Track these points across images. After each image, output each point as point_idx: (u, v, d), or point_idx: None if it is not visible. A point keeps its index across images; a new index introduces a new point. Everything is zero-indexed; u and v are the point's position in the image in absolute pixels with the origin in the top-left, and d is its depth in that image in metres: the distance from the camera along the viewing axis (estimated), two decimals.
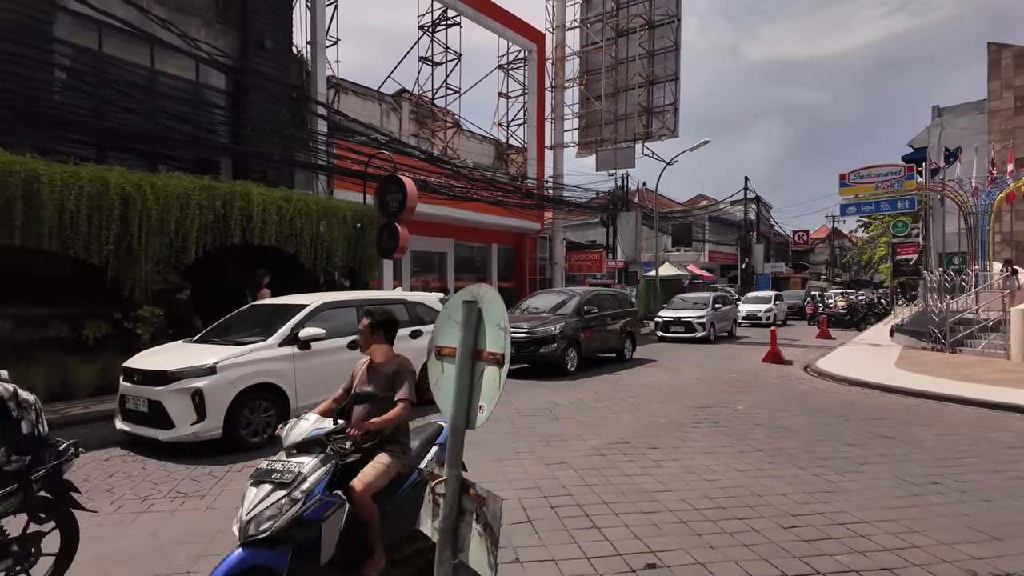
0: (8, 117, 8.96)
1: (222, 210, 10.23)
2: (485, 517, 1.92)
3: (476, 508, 1.95)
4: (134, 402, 6.22)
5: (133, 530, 4.20)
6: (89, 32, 10.64)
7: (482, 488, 2.01)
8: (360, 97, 17.94)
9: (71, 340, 8.60)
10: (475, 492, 1.99)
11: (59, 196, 8.23)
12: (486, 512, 1.92)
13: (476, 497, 1.98)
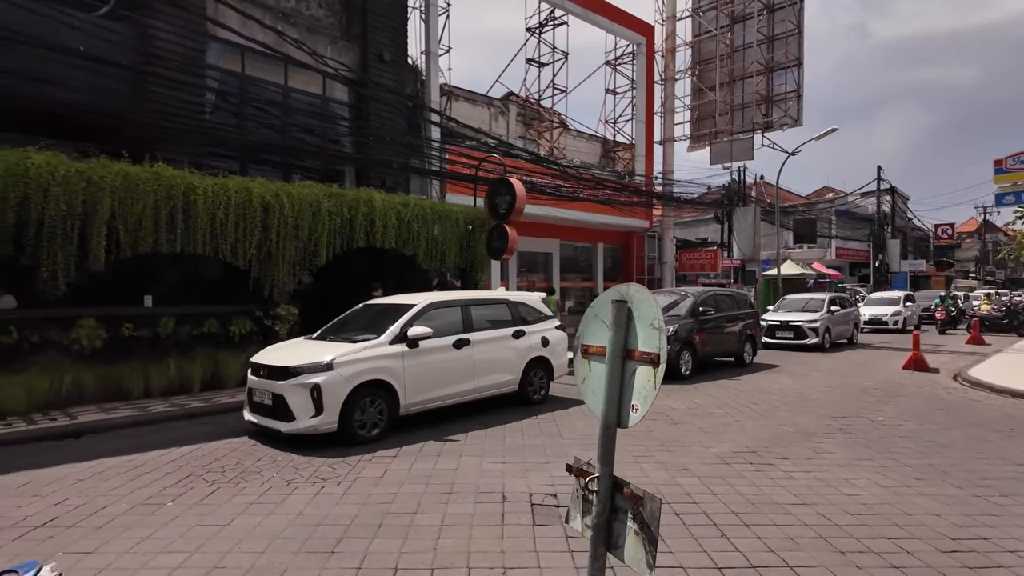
0: (171, 137, 10.14)
1: (348, 216, 10.93)
2: (642, 516, 1.90)
3: (632, 507, 1.93)
4: (260, 395, 6.65)
5: (282, 509, 4.58)
6: (234, 56, 11.79)
7: (637, 487, 1.99)
8: (470, 103, 18.44)
9: (221, 335, 9.57)
10: (629, 491, 1.97)
11: (211, 206, 9.18)
12: (643, 511, 1.90)
13: (631, 496, 1.96)
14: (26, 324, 7.88)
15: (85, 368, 8.13)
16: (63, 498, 4.84)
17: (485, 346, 7.84)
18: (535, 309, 8.96)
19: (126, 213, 8.36)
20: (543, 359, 8.69)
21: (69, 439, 6.84)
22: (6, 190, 7.46)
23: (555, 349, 8.89)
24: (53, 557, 3.76)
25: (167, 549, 3.88)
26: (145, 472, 5.53)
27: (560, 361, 9.02)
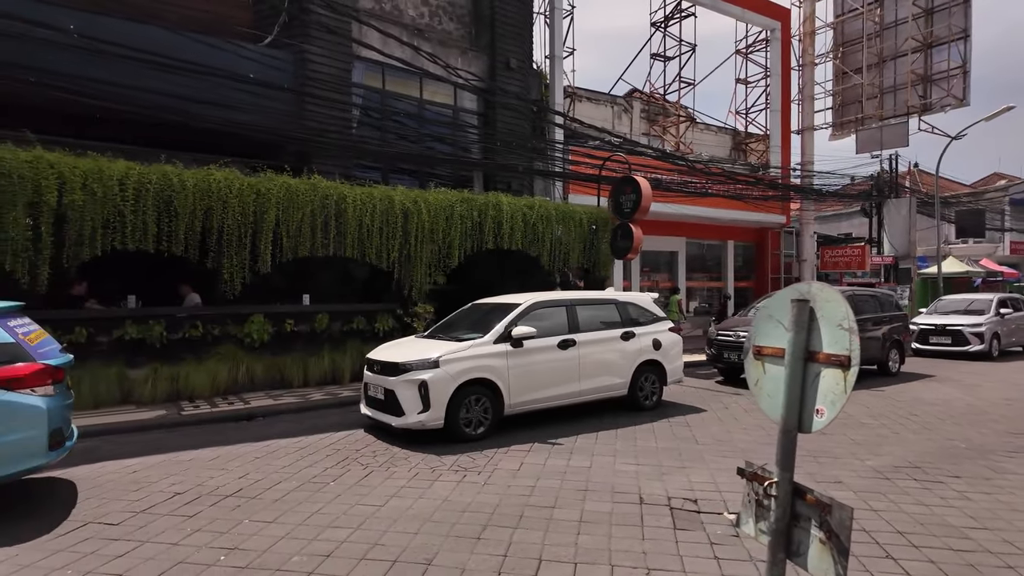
0: (324, 151, 11.18)
1: (478, 219, 11.39)
2: (829, 524, 1.83)
3: (819, 515, 1.87)
4: (374, 389, 7.01)
5: (430, 494, 4.90)
6: (375, 74, 12.72)
7: (824, 495, 1.92)
8: (593, 102, 18.39)
9: (368, 331, 10.38)
10: (813, 498, 1.92)
11: (359, 213, 9.99)
12: (831, 519, 1.84)
13: (816, 503, 1.90)
14: (209, 320, 9.08)
15: (256, 359, 9.21)
16: (245, 472, 5.53)
17: (591, 347, 7.68)
18: (646, 310, 8.61)
19: (288, 221, 9.35)
20: (655, 363, 8.33)
21: (244, 421, 7.79)
22: (194, 203, 8.64)
23: (668, 352, 8.50)
24: (240, 523, 4.32)
25: (333, 524, 4.31)
26: (309, 453, 6.16)
27: (674, 365, 8.61)
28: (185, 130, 9.49)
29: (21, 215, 7.52)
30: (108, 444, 6.58)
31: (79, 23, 8.93)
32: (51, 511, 4.57)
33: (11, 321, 4.74)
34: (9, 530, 4.19)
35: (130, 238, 8.21)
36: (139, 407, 8.05)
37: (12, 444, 4.29)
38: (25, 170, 7.52)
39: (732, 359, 10.42)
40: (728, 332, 10.79)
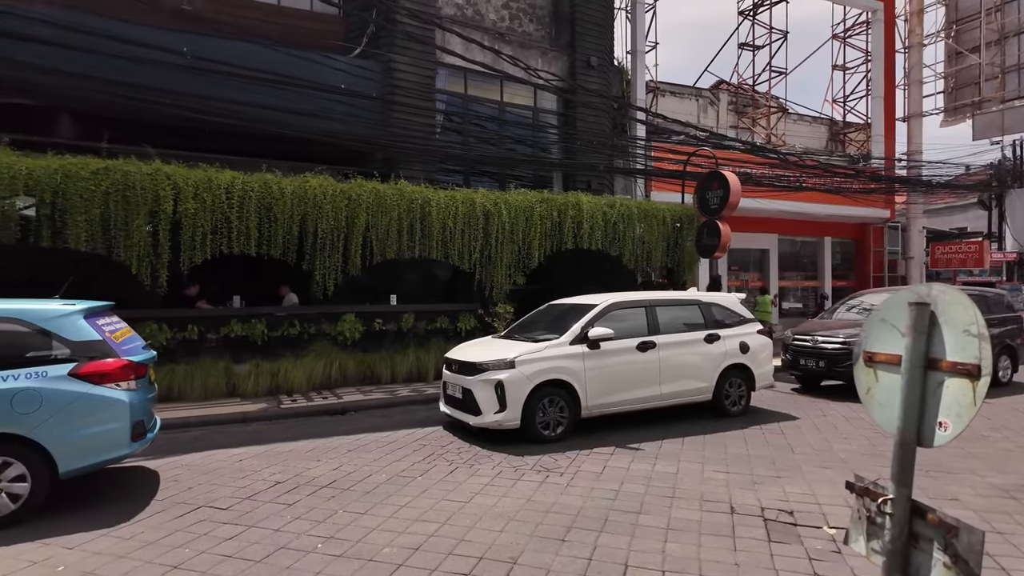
0: (410, 157, 11.56)
1: (558, 219, 11.37)
2: (956, 548, 1.68)
3: (943, 537, 1.72)
4: (452, 388, 7.08)
5: (513, 493, 4.94)
6: (458, 79, 13.00)
7: (948, 515, 1.76)
8: (677, 96, 17.88)
9: (450, 330, 10.64)
10: (938, 518, 1.76)
11: (443, 216, 10.25)
12: (957, 543, 1.68)
13: (940, 524, 1.75)
14: (305, 319, 9.62)
15: (348, 356, 9.65)
16: (338, 464, 5.80)
17: (672, 350, 7.40)
18: (732, 311, 8.19)
19: (377, 225, 9.74)
20: (742, 367, 7.92)
21: (337, 415, 8.18)
22: (291, 209, 9.17)
23: (757, 356, 8.05)
24: (335, 513, 4.53)
25: (421, 518, 4.43)
26: (397, 448, 6.38)
27: (763, 370, 8.15)
28: (283, 140, 10.10)
29: (143, 222, 8.28)
30: (217, 434, 7.12)
31: (192, 45, 9.73)
32: (171, 494, 4.99)
33: (100, 320, 5.08)
34: (128, 509, 4.62)
35: (235, 242, 8.84)
36: (243, 400, 8.65)
37: (98, 435, 4.64)
38: (147, 182, 8.28)
39: (809, 366, 9.75)
40: (805, 337, 10.05)
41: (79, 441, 4.56)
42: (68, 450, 4.51)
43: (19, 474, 4.36)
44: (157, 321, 8.58)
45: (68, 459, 4.51)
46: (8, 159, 7.65)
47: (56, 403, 4.46)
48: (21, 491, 4.35)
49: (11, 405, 4.33)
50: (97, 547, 3.95)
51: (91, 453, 4.65)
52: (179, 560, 3.75)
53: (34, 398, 4.40)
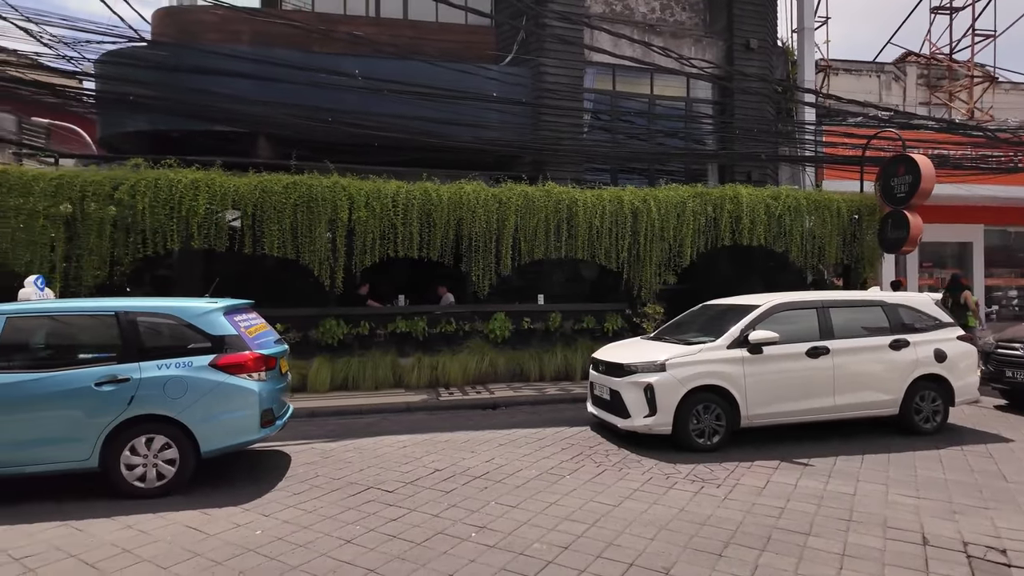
0: (558, 158, 11.68)
1: (713, 214, 10.77)
2: None
3: None
4: (599, 389, 6.94)
5: (664, 501, 4.76)
6: (606, 76, 12.88)
7: None
8: (852, 74, 16.03)
9: (597, 330, 10.57)
10: None
11: (589, 215, 10.20)
12: None
13: None
14: (460, 317, 10.15)
15: (499, 353, 10.00)
16: (491, 457, 6.01)
17: (850, 357, 6.59)
18: (925, 314, 7.11)
19: (525, 227, 9.97)
20: (937, 377, 6.84)
21: (489, 409, 8.50)
22: (448, 214, 9.72)
23: (956, 366, 6.92)
24: (488, 504, 4.70)
25: (570, 517, 4.43)
26: (546, 445, 6.46)
27: (965, 382, 6.98)
28: (441, 150, 10.75)
29: (324, 230, 9.29)
30: (385, 421, 7.76)
31: (362, 67, 10.72)
32: (345, 474, 5.53)
33: (237, 316, 5.61)
34: (312, 484, 5.19)
35: (400, 246, 9.58)
36: (407, 390, 9.34)
37: (232, 420, 5.14)
38: (326, 194, 9.27)
39: (1019, 379, 8.16)
40: (1016, 345, 8.41)
41: (216, 425, 5.11)
42: (208, 432, 5.07)
43: (169, 452, 5.01)
44: (335, 318, 9.59)
45: (208, 440, 5.09)
46: (221, 179, 9.01)
47: (198, 390, 5.04)
48: (171, 467, 5.01)
49: (163, 390, 4.96)
50: (286, 516, 4.49)
51: (226, 436, 5.18)
52: (352, 535, 4.14)
53: (181, 385, 5.00)
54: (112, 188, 8.61)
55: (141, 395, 4.92)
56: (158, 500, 4.85)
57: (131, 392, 4.91)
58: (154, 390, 4.95)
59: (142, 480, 4.94)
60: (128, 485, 4.90)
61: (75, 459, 4.84)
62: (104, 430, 4.85)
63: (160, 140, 11.14)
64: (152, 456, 4.97)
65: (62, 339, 5.24)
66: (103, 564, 3.73)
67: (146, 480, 4.94)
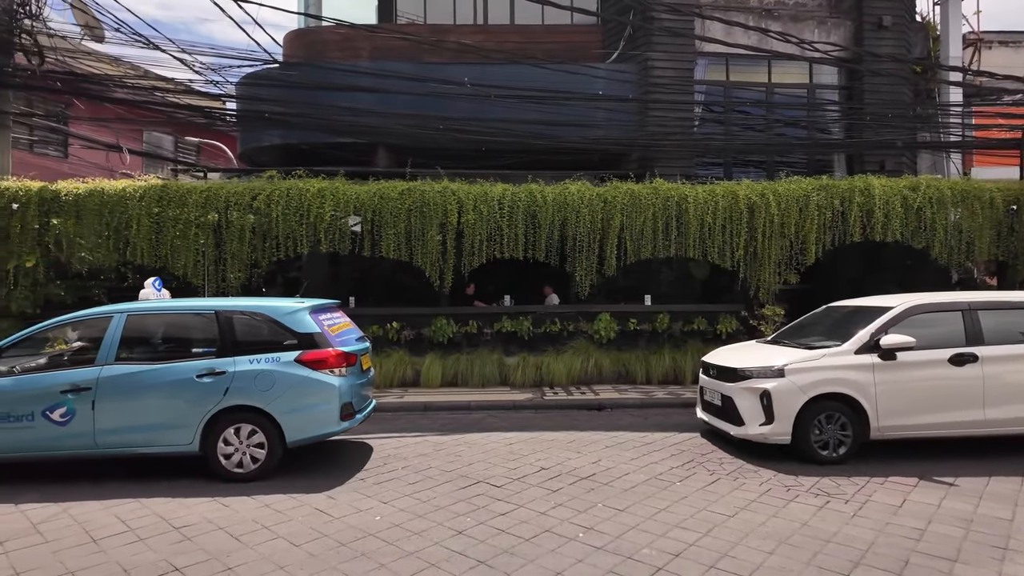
0: (666, 154, 11.36)
1: (840, 208, 9.98)
2: None
3: None
4: (710, 394, 6.61)
5: (784, 514, 4.48)
6: (718, 67, 12.33)
7: None
8: (1010, 47, 14.18)
9: (709, 332, 10.14)
10: None
11: (700, 212, 9.82)
12: None
13: None
14: (564, 317, 10.16)
15: (603, 353, 9.90)
16: (597, 459, 5.97)
17: (1004, 365, 5.80)
18: None
19: (631, 225, 9.79)
20: None
21: (594, 410, 8.44)
22: (553, 215, 9.77)
23: None
24: (595, 506, 4.67)
25: (680, 524, 4.30)
26: (655, 450, 6.31)
27: None
28: (547, 151, 10.85)
29: (434, 233, 9.68)
30: (492, 418, 7.95)
31: (471, 74, 11.05)
32: (455, 467, 5.74)
33: (322, 315, 5.91)
34: (425, 476, 5.43)
35: (506, 248, 9.77)
36: (512, 388, 9.50)
37: (314, 413, 5.45)
38: (437, 198, 9.66)
39: None
40: None
41: (300, 416, 5.44)
42: (292, 423, 5.40)
43: (259, 440, 5.37)
44: (446, 317, 9.96)
45: (293, 431, 5.41)
46: (344, 187, 9.68)
47: (285, 383, 5.39)
48: (260, 454, 5.37)
49: (254, 382, 5.35)
50: (403, 505, 4.74)
51: (309, 427, 5.49)
52: (463, 527, 4.29)
53: (270, 378, 5.37)
54: (251, 198, 9.53)
55: (235, 387, 5.35)
56: (287, 483, 5.29)
57: (226, 384, 5.35)
58: (246, 382, 5.36)
59: (236, 465, 5.38)
60: (223, 469, 5.36)
61: (180, 443, 5.37)
62: (204, 418, 5.31)
63: (291, 152, 12.18)
64: (244, 443, 5.38)
65: (171, 335, 5.90)
66: (246, 538, 4.14)
67: (239, 465, 5.39)
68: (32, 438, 5.27)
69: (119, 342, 5.49)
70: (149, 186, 9.58)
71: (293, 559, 3.81)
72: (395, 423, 7.71)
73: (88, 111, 13.63)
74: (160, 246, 9.44)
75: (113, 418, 5.29)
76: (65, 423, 5.25)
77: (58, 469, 5.61)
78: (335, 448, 6.41)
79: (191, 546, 4.02)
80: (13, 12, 9.92)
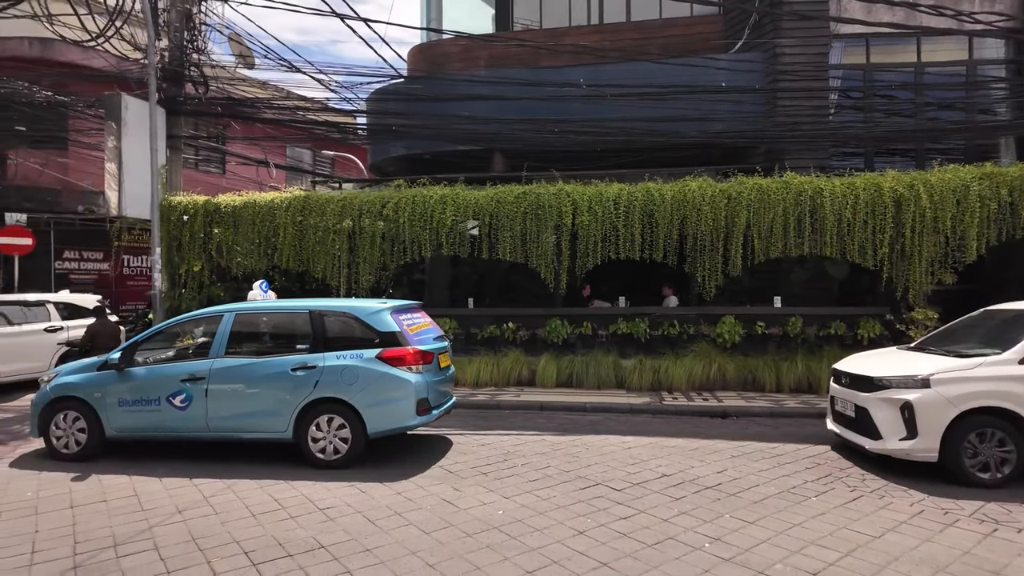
0: (797, 145, 10.63)
1: (1008, 199, 8.81)
2: None
3: None
4: (842, 405, 6.10)
5: (941, 539, 4.01)
6: (856, 49, 11.33)
7: None
8: None
9: (848, 338, 9.32)
10: None
11: (838, 207, 9.07)
12: None
13: None
14: (684, 319, 9.82)
15: (727, 358, 9.44)
16: (723, 468, 5.72)
17: None
18: None
19: (759, 223, 9.26)
20: None
21: (718, 418, 8.08)
22: (671, 214, 9.49)
23: None
24: (721, 516, 4.48)
25: (817, 542, 4.01)
26: (786, 462, 5.92)
27: None
28: (664, 148, 10.57)
29: (549, 235, 9.78)
30: (608, 420, 7.88)
31: (586, 75, 11.05)
32: (573, 468, 5.76)
33: (402, 315, 6.23)
34: (544, 475, 5.49)
35: (622, 248, 9.64)
36: (628, 392, 9.34)
37: (392, 407, 5.75)
38: (552, 200, 9.75)
39: None
40: None
41: (379, 410, 5.75)
42: (373, 416, 5.72)
43: (345, 432, 5.73)
44: (560, 318, 10.02)
45: (374, 423, 5.73)
46: (463, 193, 10.06)
47: (367, 378, 5.74)
48: (343, 446, 5.72)
49: (340, 377, 5.73)
50: (523, 501, 4.84)
51: (388, 420, 5.80)
52: (584, 527, 4.30)
53: (354, 373, 5.74)
54: (381, 206, 10.19)
55: (323, 380, 5.77)
56: (417, 474, 5.59)
57: (316, 377, 5.78)
58: (333, 376, 5.77)
59: (323, 452, 5.77)
60: (313, 456, 5.76)
61: (276, 431, 5.85)
62: (297, 408, 5.77)
63: (415, 162, 12.86)
64: (331, 433, 5.77)
65: (271, 332, 6.54)
66: (381, 522, 4.44)
67: (326, 453, 5.77)
68: (159, 420, 6.03)
69: (228, 337, 6.16)
70: (294, 197, 10.55)
71: (424, 546, 4.02)
72: (512, 421, 7.88)
73: (242, 131, 15.29)
74: (302, 251, 10.36)
75: (222, 406, 5.91)
76: (184, 408, 5.96)
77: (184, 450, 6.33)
78: (461, 443, 6.69)
79: (334, 526, 4.38)
80: (184, 48, 11.38)
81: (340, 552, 3.94)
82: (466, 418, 8.00)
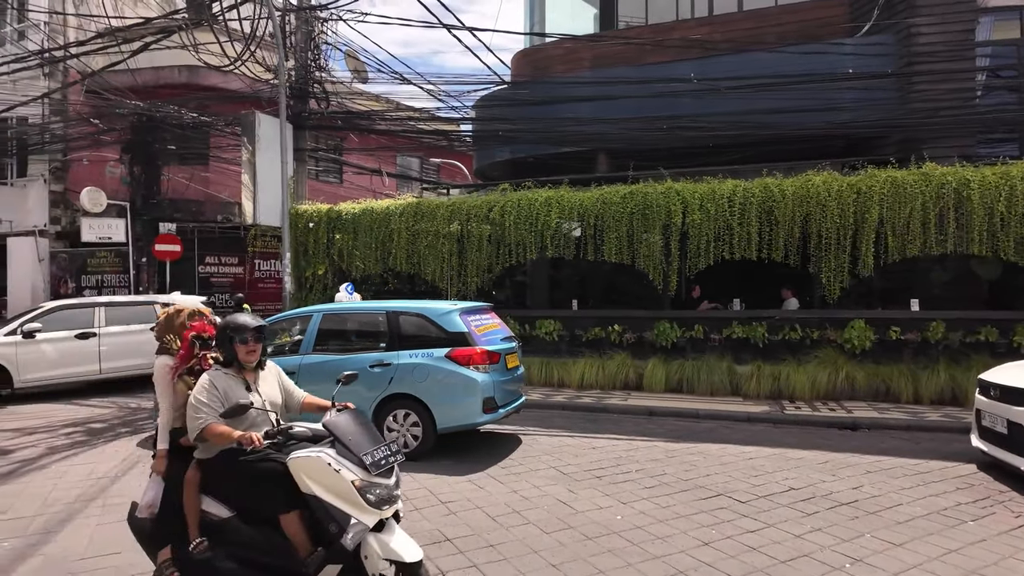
0: (937, 133, 9.65)
1: None
2: None
3: None
4: (990, 419, 5.47)
5: None
6: (1009, 22, 10.12)
7: None
8: None
9: (1002, 345, 8.32)
10: None
11: (988, 199, 8.14)
12: None
13: None
14: (807, 323, 9.18)
15: (856, 366, 8.73)
16: (859, 484, 5.29)
17: None
18: None
19: (893, 218, 8.50)
20: None
21: (847, 430, 7.49)
22: (793, 210, 8.92)
23: None
24: (861, 535, 4.15)
25: (979, 571, 3.62)
26: (933, 481, 5.38)
27: None
28: (783, 141, 9.97)
29: (657, 235, 9.53)
30: (725, 428, 7.55)
31: (696, 69, 10.67)
32: (691, 477, 5.57)
33: (471, 316, 6.40)
34: (663, 483, 5.35)
35: (736, 248, 9.20)
36: (744, 399, 8.89)
37: (459, 404, 5.98)
38: (660, 200, 9.50)
39: None
40: None
41: (448, 406, 5.99)
42: (442, 412, 5.96)
43: (416, 428, 6.02)
44: (669, 320, 9.72)
45: (442, 419, 5.96)
46: (568, 195, 10.05)
47: (436, 376, 6.01)
48: (416, 439, 6.02)
49: (412, 374, 6.05)
50: (642, 508, 4.75)
51: (455, 417, 6.01)
52: (709, 538, 4.14)
53: (424, 371, 6.04)
54: (487, 210, 10.41)
55: (397, 377, 6.09)
56: (532, 475, 5.64)
57: (391, 374, 6.11)
58: (406, 374, 6.09)
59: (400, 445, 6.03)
60: None
61: None
62: (374, 403, 6.09)
63: (519, 165, 13.03)
64: (404, 427, 6.08)
65: (353, 330, 6.90)
66: (501, 519, 4.53)
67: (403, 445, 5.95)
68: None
69: (316, 335, 6.62)
70: (407, 203, 11.05)
71: (545, 545, 4.06)
72: (621, 425, 7.75)
73: (359, 142, 16.23)
74: (414, 255, 10.82)
75: None
76: None
77: None
78: (571, 445, 6.69)
79: (456, 520, 4.52)
80: (308, 67, 12.27)
81: (465, 546, 4.06)
82: (574, 420, 7.99)
